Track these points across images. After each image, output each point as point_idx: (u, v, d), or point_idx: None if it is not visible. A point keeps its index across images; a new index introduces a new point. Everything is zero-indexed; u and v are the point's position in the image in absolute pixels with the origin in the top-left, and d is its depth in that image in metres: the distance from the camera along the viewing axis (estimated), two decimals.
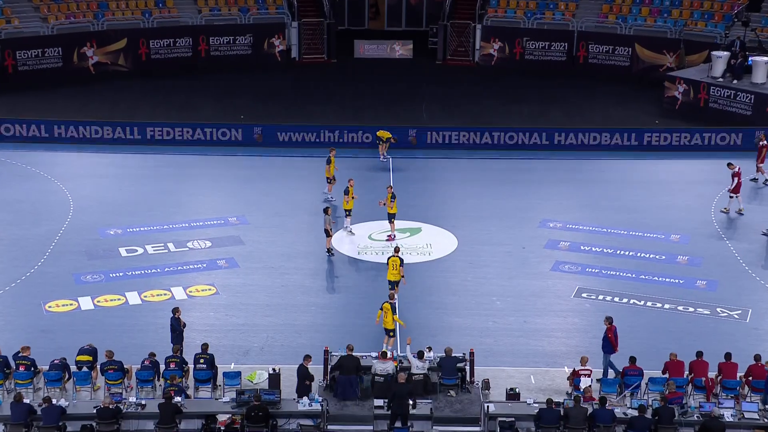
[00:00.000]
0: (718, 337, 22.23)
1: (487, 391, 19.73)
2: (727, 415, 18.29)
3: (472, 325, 22.88)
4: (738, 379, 19.60)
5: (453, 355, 19.91)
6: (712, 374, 19.75)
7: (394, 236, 27.21)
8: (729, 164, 29.20)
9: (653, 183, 31.90)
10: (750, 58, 36.90)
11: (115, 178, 32.04)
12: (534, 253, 26.68)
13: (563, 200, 30.43)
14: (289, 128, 34.85)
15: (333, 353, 20.07)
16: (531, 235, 27.70)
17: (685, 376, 19.67)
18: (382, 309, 21.26)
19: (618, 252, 26.77)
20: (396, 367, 19.60)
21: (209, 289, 24.41)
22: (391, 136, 32.92)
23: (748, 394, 19.58)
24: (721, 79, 37.09)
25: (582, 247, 27.03)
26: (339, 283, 25.12)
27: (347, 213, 27.65)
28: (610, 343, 20.28)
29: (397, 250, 23.81)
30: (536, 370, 20.97)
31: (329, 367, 19.85)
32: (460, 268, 25.85)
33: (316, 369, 20.31)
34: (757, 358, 19.68)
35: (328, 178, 29.58)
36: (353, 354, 19.68)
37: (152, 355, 19.85)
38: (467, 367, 20.03)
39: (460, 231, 27.92)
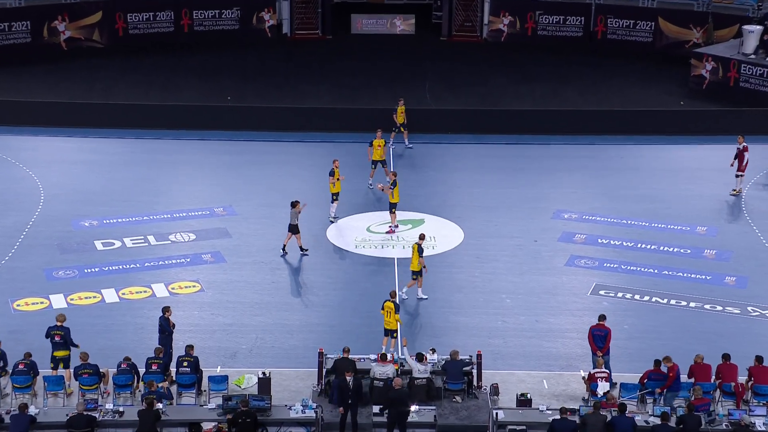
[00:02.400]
0: (749, 338, 22.22)
1: (495, 396, 19.74)
2: (759, 424, 18.27)
3: (479, 325, 22.88)
4: None
5: (459, 357, 19.90)
6: (742, 379, 19.73)
7: (395, 228, 27.19)
8: (739, 137, 29.34)
9: (677, 170, 31.86)
10: None
11: (89, 164, 31.99)
12: (547, 246, 26.65)
13: (579, 189, 30.40)
14: (280, 110, 34.79)
15: (328, 356, 20.08)
16: (544, 227, 27.68)
17: (712, 381, 19.65)
18: (383, 309, 21.24)
19: (639, 245, 26.75)
20: (397, 370, 19.60)
21: (193, 286, 24.40)
22: (400, 113, 32.50)
23: None
24: (753, 56, 37.02)
25: (599, 240, 27.00)
26: (334, 280, 25.10)
27: (334, 198, 27.61)
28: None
29: (421, 237, 23.66)
30: (549, 374, 20.97)
31: (324, 370, 19.85)
32: (466, 262, 25.83)
33: (309, 373, 20.34)
34: None
35: (378, 161, 29.66)
36: (349, 357, 19.67)
37: (127, 359, 19.80)
38: (474, 371, 20.05)
39: (467, 222, 27.90)
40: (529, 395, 19.41)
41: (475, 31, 44.27)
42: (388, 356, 19.94)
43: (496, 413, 18.70)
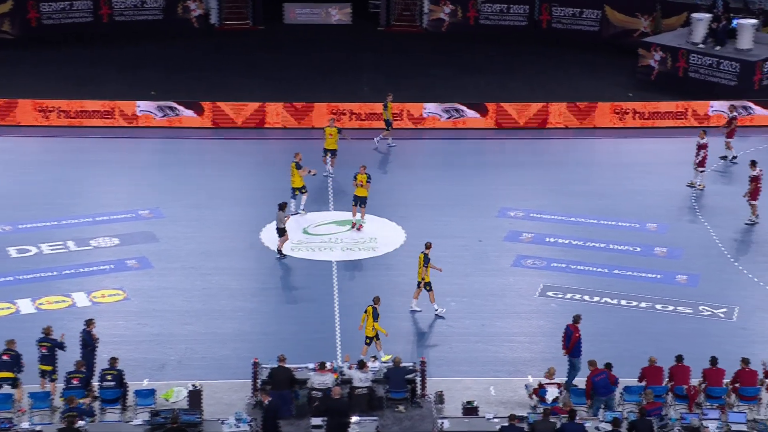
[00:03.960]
0: (701, 338, 22.66)
1: (440, 405, 19.84)
2: (712, 428, 18.64)
3: (422, 330, 22.98)
4: (724, 386, 19.96)
5: (401, 364, 19.97)
6: (695, 381, 20.09)
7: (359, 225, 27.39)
8: (701, 132, 30.04)
9: (627, 164, 32.34)
10: (734, 21, 37.50)
11: (1, 165, 31.41)
12: (493, 246, 26.88)
13: (525, 185, 30.70)
14: (209, 105, 34.50)
15: (263, 365, 20.01)
16: (489, 226, 27.91)
17: (664, 384, 19.98)
18: (366, 312, 21.40)
19: (588, 244, 27.10)
20: (336, 379, 19.61)
21: (117, 294, 24.15)
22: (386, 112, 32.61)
23: (735, 403, 19.96)
24: (702, 46, 37.66)
25: (547, 239, 27.30)
26: (269, 285, 25.03)
27: (297, 191, 27.78)
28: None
29: (427, 246, 23.57)
30: (497, 380, 21.15)
31: (259, 381, 19.77)
32: (408, 264, 25.90)
33: (243, 384, 20.25)
34: (745, 361, 20.07)
35: (331, 150, 30.05)
36: (285, 365, 19.63)
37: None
38: (418, 379, 20.11)
39: (409, 222, 28.00)
40: (475, 403, 19.54)
41: (414, 21, 44.41)
42: (327, 365, 19.93)
43: (442, 422, 18.80)
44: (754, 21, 37.39)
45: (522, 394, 20.56)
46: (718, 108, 34.33)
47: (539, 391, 19.74)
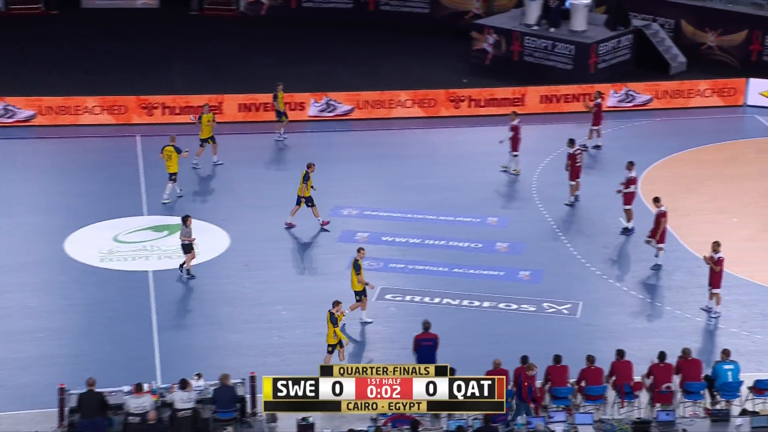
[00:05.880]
0: (546, 336, 23.41)
1: (273, 423, 19.82)
2: (559, 431, 19.29)
3: (252, 343, 22.92)
4: (570, 385, 20.68)
5: (229, 382, 19.86)
6: (539, 383, 20.72)
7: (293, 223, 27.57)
8: (512, 114, 31.19)
9: (464, 155, 33.04)
10: (568, 1, 38.85)
11: None
12: (325, 248, 27.05)
13: (358, 181, 30.98)
14: None
15: (71, 391, 19.57)
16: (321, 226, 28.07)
17: (509, 388, 20.52)
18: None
19: (426, 242, 27.59)
20: (156, 402, 19.36)
21: None
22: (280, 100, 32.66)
23: (581, 404, 20.71)
24: (536, 27, 38.80)
25: (383, 238, 27.65)
26: (76, 301, 24.48)
27: (172, 177, 28.29)
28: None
29: (359, 251, 23.58)
30: None
31: (66, 409, 19.31)
32: (233, 271, 25.80)
33: (48, 414, 19.75)
34: (590, 359, 20.85)
35: (210, 137, 30.63)
36: (95, 389, 19.23)
37: None
38: (248, 396, 20.03)
39: (233, 225, 27.84)
40: (311, 419, 19.57)
41: (230, 4, 44.12)
42: (145, 386, 19.62)
43: None
44: (587, 1, 38.78)
45: None
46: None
47: None
